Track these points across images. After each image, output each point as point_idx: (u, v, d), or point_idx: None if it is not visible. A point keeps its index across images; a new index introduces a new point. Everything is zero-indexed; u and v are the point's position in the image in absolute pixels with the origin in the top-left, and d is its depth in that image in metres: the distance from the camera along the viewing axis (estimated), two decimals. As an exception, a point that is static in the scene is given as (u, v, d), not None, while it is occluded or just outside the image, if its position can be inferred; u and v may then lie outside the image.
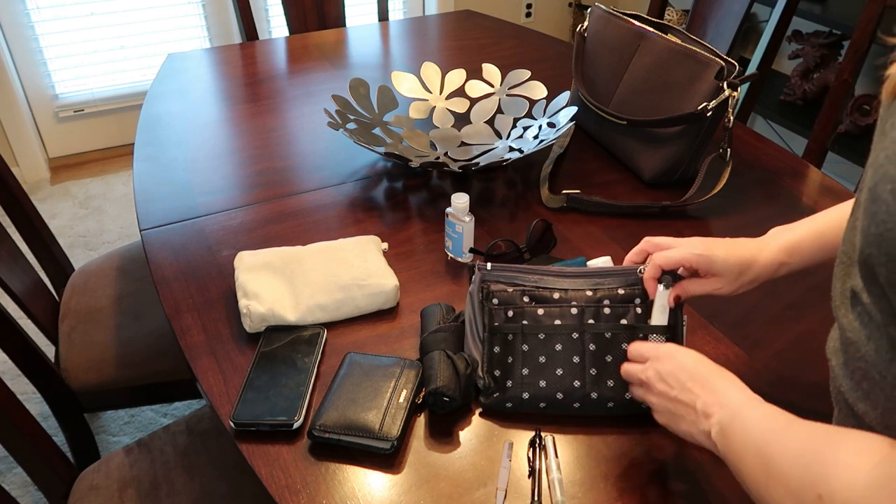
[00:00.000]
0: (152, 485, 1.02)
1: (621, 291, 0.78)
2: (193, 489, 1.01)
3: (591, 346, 0.77)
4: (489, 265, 0.81)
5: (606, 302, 0.77)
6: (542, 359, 0.78)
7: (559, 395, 0.77)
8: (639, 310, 0.77)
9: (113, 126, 2.80)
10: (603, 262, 0.94)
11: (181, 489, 1.01)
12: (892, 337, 0.48)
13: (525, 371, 0.78)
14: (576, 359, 0.77)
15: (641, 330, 0.76)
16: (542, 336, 0.78)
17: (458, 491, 0.71)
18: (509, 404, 0.78)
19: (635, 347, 0.71)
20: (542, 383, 0.77)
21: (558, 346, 0.77)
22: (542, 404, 0.77)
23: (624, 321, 0.77)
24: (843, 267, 0.56)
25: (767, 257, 0.76)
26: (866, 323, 0.51)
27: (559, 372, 0.77)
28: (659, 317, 0.75)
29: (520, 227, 1.11)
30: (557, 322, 0.78)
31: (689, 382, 0.63)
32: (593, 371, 0.77)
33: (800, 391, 0.83)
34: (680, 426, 0.64)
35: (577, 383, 0.76)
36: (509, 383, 0.78)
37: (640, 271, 0.78)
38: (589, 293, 0.78)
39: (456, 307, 0.91)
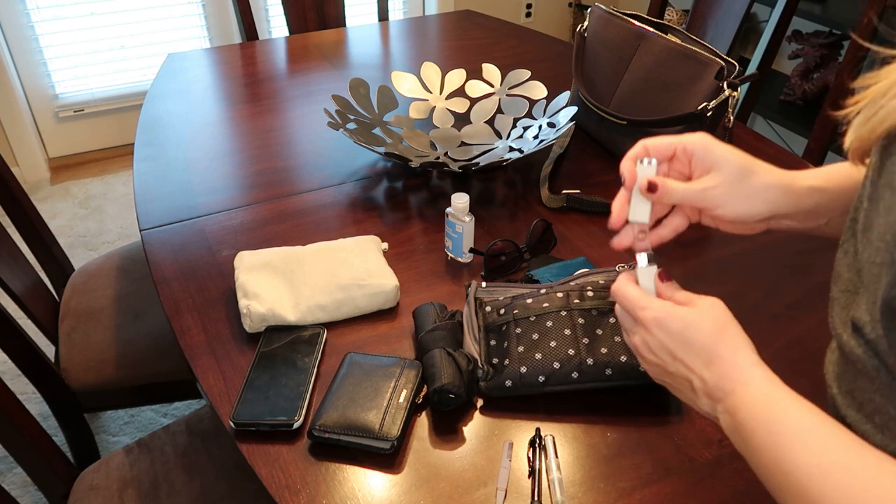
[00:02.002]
0: (152, 485, 1.02)
1: (602, 281, 0.84)
2: (193, 489, 1.01)
3: (580, 321, 0.81)
4: (483, 284, 0.87)
5: (589, 288, 0.83)
6: (535, 336, 0.80)
7: (556, 365, 0.78)
8: None
9: (113, 126, 2.80)
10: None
11: (181, 489, 1.01)
12: None
13: (521, 349, 0.80)
14: (567, 331, 0.80)
15: None
16: (532, 318, 0.81)
17: (458, 491, 0.71)
18: (509, 382, 0.79)
19: (622, 291, 0.59)
20: (539, 356, 0.79)
21: (549, 323, 0.81)
22: (540, 377, 0.78)
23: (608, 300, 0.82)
24: (847, 295, 0.52)
25: (785, 173, 0.62)
26: (873, 355, 0.48)
27: (553, 344, 0.79)
28: (638, 208, 0.61)
29: (520, 227, 1.11)
30: (545, 304, 0.82)
31: (685, 359, 0.54)
32: (585, 340, 0.79)
33: (800, 391, 0.82)
34: (678, 395, 0.58)
35: (571, 351, 0.79)
36: (507, 362, 0.80)
37: (618, 268, 0.83)
38: (573, 284, 0.84)
39: (455, 307, 0.91)
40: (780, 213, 0.62)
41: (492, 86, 1.46)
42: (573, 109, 1.22)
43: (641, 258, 0.60)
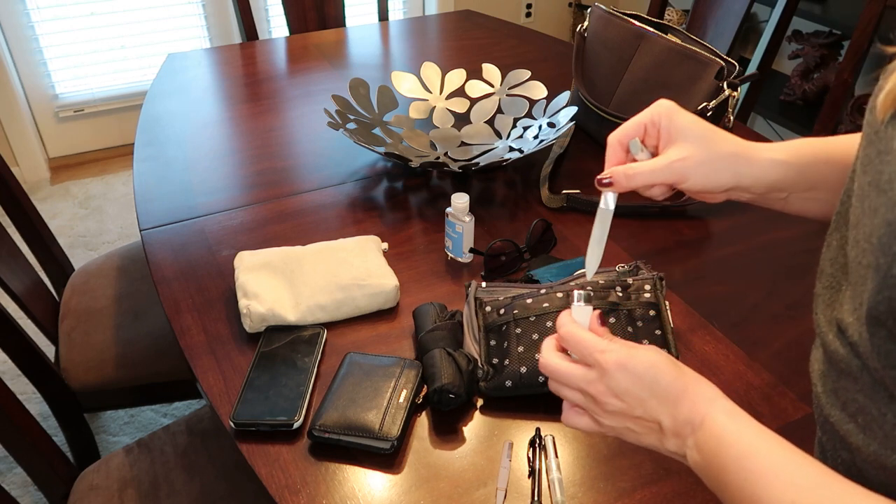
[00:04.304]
0: (152, 485, 1.02)
1: (602, 281, 0.83)
2: (193, 489, 1.01)
3: None
4: (483, 284, 0.87)
5: (589, 288, 0.83)
6: (535, 336, 0.80)
7: None
8: (619, 294, 0.82)
9: (113, 126, 2.80)
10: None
11: (181, 489, 1.01)
12: (891, 380, 0.45)
13: (521, 349, 0.80)
14: None
15: (624, 307, 0.81)
16: (532, 318, 0.81)
17: (458, 491, 0.71)
18: (509, 382, 0.79)
19: (574, 336, 0.55)
20: (538, 356, 0.78)
21: (549, 323, 0.80)
22: (540, 377, 0.78)
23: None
24: (830, 292, 0.51)
25: (746, 142, 0.63)
26: (856, 356, 0.47)
27: None
28: (592, 256, 0.62)
29: (520, 227, 1.11)
30: (546, 304, 0.81)
31: (651, 399, 0.52)
32: None
33: (800, 391, 0.83)
34: (642, 441, 0.55)
35: None
36: (507, 362, 0.80)
37: (618, 268, 0.85)
38: (573, 284, 0.85)
39: (455, 307, 0.91)
40: (743, 184, 0.61)
41: (492, 86, 1.46)
42: (573, 109, 1.22)
43: (577, 295, 0.58)
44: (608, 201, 0.61)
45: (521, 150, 1.20)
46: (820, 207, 0.64)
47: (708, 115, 1.13)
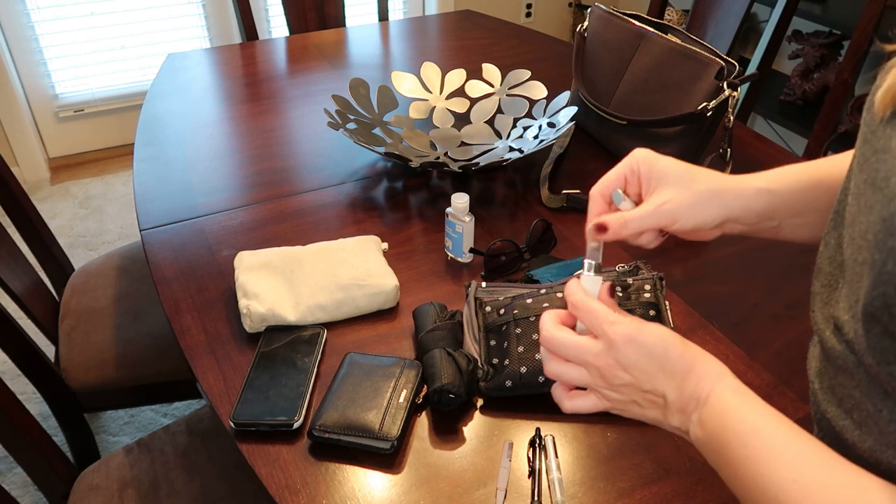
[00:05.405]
0: (152, 485, 1.02)
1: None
2: (193, 489, 1.01)
3: None
4: (483, 284, 0.86)
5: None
6: (535, 336, 0.80)
7: None
8: (619, 294, 0.81)
9: (113, 126, 2.80)
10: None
11: (181, 489, 1.01)
12: (886, 376, 0.45)
13: (521, 349, 0.80)
14: None
15: (624, 307, 0.80)
16: (532, 318, 0.81)
17: (458, 491, 0.71)
18: (509, 382, 0.79)
19: (585, 305, 0.55)
20: (539, 356, 0.79)
21: None
22: (540, 377, 0.78)
23: None
24: (828, 290, 0.52)
25: (729, 176, 0.62)
26: (852, 352, 0.48)
27: None
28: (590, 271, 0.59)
29: (520, 227, 1.11)
30: (546, 305, 0.81)
31: (660, 374, 0.52)
32: None
33: (800, 391, 0.83)
34: (646, 414, 0.55)
35: None
36: (507, 362, 0.80)
37: (618, 268, 0.85)
38: None
39: (455, 307, 0.91)
40: (732, 216, 0.61)
41: (492, 86, 1.46)
42: (573, 109, 1.22)
43: (587, 265, 0.58)
44: (591, 268, 0.58)
45: (521, 150, 1.20)
46: (810, 232, 0.64)
47: (708, 114, 1.13)
